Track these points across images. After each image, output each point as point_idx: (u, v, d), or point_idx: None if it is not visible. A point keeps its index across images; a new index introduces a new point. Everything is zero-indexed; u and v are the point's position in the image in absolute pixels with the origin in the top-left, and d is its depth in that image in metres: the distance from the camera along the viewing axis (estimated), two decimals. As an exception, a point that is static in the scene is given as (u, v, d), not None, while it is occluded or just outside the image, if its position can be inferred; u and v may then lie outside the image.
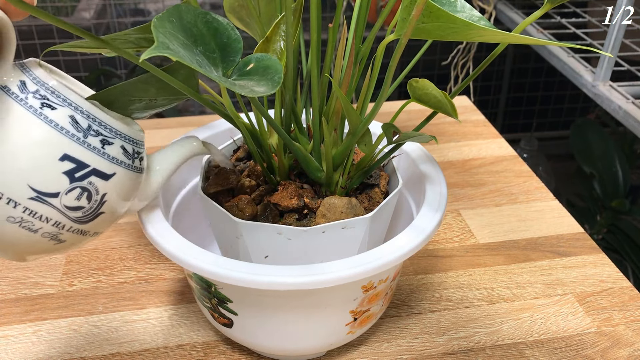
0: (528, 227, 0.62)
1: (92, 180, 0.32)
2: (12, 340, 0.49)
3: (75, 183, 0.31)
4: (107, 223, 0.35)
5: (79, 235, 0.33)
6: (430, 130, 0.80)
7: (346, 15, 1.37)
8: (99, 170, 0.32)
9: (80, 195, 0.32)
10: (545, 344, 0.48)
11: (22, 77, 0.31)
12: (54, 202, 0.31)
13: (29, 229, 0.31)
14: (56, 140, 0.30)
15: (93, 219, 0.33)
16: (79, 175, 0.31)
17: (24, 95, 0.30)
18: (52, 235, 0.32)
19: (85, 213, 0.32)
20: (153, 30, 0.27)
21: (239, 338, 0.44)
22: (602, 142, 1.39)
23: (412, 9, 0.33)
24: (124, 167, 0.34)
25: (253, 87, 0.29)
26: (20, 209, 0.30)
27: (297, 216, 0.41)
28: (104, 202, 0.33)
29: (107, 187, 0.33)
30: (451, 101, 0.36)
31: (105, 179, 0.33)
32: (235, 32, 0.34)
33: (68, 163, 0.31)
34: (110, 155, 0.33)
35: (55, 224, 0.32)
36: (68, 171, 0.31)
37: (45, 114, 0.30)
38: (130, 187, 0.35)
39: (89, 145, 0.32)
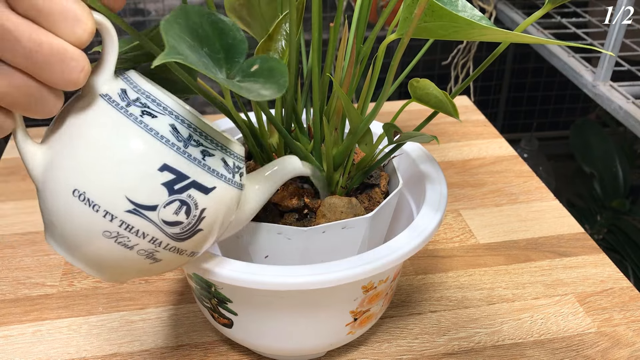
0: (528, 227, 0.62)
1: (192, 194, 0.30)
2: (12, 340, 0.49)
3: (174, 195, 0.30)
4: (204, 243, 0.33)
5: (176, 254, 0.32)
6: (431, 130, 0.80)
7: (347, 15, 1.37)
8: (199, 182, 0.30)
9: (179, 209, 0.30)
10: (546, 344, 0.48)
11: (122, 85, 0.30)
12: (151, 215, 0.29)
13: (124, 245, 0.30)
14: (156, 149, 0.29)
15: (191, 237, 0.31)
16: (178, 188, 0.30)
17: (124, 103, 0.29)
18: (148, 253, 0.31)
19: (183, 229, 0.31)
20: (163, 35, 0.26)
21: (239, 338, 0.44)
22: (602, 142, 1.39)
23: (414, 8, 0.33)
24: (225, 180, 0.32)
25: (259, 90, 0.29)
26: (117, 223, 0.29)
27: (297, 216, 0.41)
28: (203, 217, 0.31)
29: (207, 202, 0.31)
30: (452, 101, 0.36)
31: (205, 192, 0.31)
32: (240, 33, 0.33)
33: (168, 174, 0.29)
34: (210, 168, 0.31)
35: (151, 240, 0.30)
36: (167, 182, 0.29)
37: (145, 122, 0.29)
38: (230, 204, 0.33)
39: (189, 156, 0.30)
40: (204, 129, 0.32)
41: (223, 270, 0.36)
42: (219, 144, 0.32)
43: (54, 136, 0.30)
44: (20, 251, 0.58)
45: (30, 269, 0.56)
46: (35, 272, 0.56)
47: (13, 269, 0.56)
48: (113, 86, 0.30)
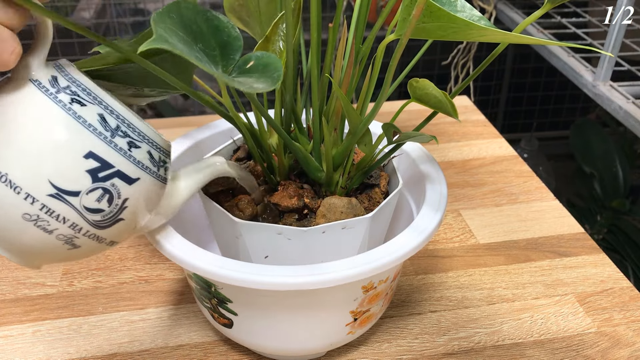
0: (528, 227, 0.62)
1: (115, 183, 0.31)
2: (12, 340, 0.49)
3: (97, 183, 0.30)
4: (124, 233, 0.33)
5: (95, 242, 0.32)
6: (431, 130, 0.80)
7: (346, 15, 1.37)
8: (124, 172, 0.31)
9: (101, 197, 0.30)
10: (546, 344, 0.48)
11: (54, 73, 0.30)
12: (73, 201, 0.30)
13: (44, 228, 0.30)
14: (83, 137, 0.30)
15: (111, 225, 0.32)
16: (102, 176, 0.30)
17: (54, 89, 0.30)
18: (67, 239, 0.31)
19: (104, 217, 0.31)
20: (152, 25, 0.26)
21: (238, 338, 0.44)
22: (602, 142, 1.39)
23: (413, 9, 0.33)
24: (149, 173, 0.33)
25: (252, 83, 0.29)
26: (38, 206, 0.29)
27: (297, 216, 0.41)
28: (125, 207, 0.32)
29: (130, 192, 0.32)
30: (451, 101, 0.36)
31: (129, 182, 0.31)
32: (235, 30, 0.34)
33: (92, 161, 0.30)
34: (136, 159, 0.32)
35: (72, 226, 0.30)
36: (92, 170, 0.30)
37: (74, 110, 0.30)
38: (152, 197, 0.34)
39: (115, 146, 0.31)
40: (132, 121, 0.32)
41: (223, 270, 0.36)
42: (145, 137, 0.33)
43: None
44: (21, 251, 0.58)
45: (30, 269, 0.56)
46: (35, 272, 0.56)
47: (13, 269, 0.56)
48: (44, 72, 0.30)
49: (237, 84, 0.28)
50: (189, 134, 0.51)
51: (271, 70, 0.30)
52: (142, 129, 0.33)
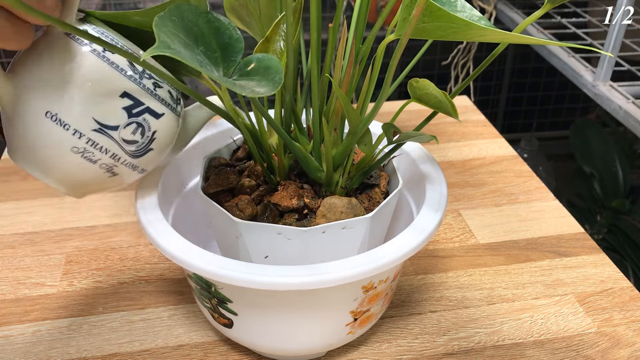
0: (528, 227, 0.62)
1: (146, 118, 0.36)
2: (12, 340, 0.49)
3: (132, 118, 0.35)
4: (153, 161, 0.39)
5: (131, 170, 0.37)
6: (431, 130, 0.80)
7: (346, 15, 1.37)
8: (152, 109, 0.36)
9: (135, 129, 0.36)
10: (546, 344, 0.48)
11: (84, 27, 0.35)
12: (113, 134, 0.35)
13: (89, 159, 0.35)
14: (117, 79, 0.34)
15: (144, 154, 0.37)
16: (135, 112, 0.35)
17: (88, 40, 0.33)
18: (109, 167, 0.36)
19: (138, 147, 0.37)
20: (155, 29, 0.27)
21: (239, 338, 0.44)
22: (602, 142, 1.39)
23: (413, 9, 0.33)
24: (170, 109, 0.38)
25: (254, 87, 0.29)
26: (84, 140, 0.34)
27: (297, 216, 0.41)
28: (154, 139, 0.37)
29: (157, 125, 0.37)
30: (451, 101, 0.36)
31: (157, 117, 0.37)
32: (236, 32, 0.34)
33: (127, 100, 0.35)
34: (160, 97, 0.37)
35: (112, 156, 0.36)
36: (127, 107, 0.35)
37: (107, 57, 0.34)
38: (173, 129, 0.39)
39: (144, 86, 0.36)
40: (154, 64, 0.36)
41: (223, 270, 0.36)
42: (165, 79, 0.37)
43: (22, 67, 0.34)
44: (20, 251, 0.58)
45: (30, 269, 0.56)
46: (35, 272, 0.56)
47: (13, 269, 0.56)
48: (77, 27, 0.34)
49: (239, 88, 0.29)
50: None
51: (272, 73, 0.31)
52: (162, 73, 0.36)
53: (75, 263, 0.57)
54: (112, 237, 0.60)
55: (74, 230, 0.61)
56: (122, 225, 0.62)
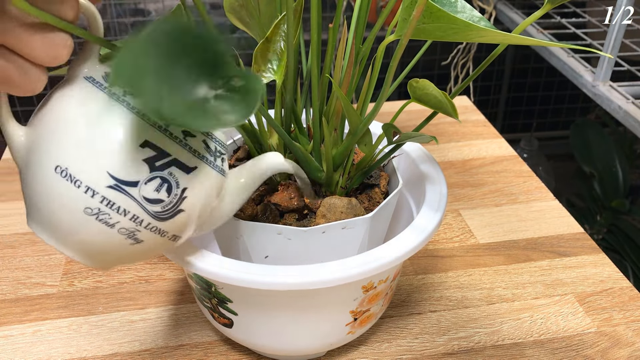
0: (528, 227, 0.62)
1: (173, 172, 0.31)
2: (12, 340, 0.49)
3: (155, 172, 0.30)
4: (186, 226, 0.33)
5: (157, 236, 0.32)
6: (430, 131, 0.80)
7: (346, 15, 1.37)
8: (180, 161, 0.31)
9: (160, 186, 0.30)
10: (546, 344, 0.48)
11: (106, 69, 0.31)
12: (132, 192, 0.30)
13: (105, 222, 0.30)
14: (138, 126, 0.30)
15: (172, 217, 0.31)
16: (159, 164, 0.30)
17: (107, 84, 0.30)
18: (130, 233, 0.31)
19: (164, 208, 0.31)
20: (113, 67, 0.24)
21: (239, 338, 0.44)
22: (602, 142, 1.39)
23: (413, 10, 0.33)
24: (206, 162, 0.32)
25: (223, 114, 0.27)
26: (98, 199, 0.29)
27: (297, 216, 0.41)
28: (184, 197, 0.31)
29: (188, 182, 0.31)
30: (451, 101, 0.36)
31: (187, 171, 0.31)
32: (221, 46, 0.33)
33: (149, 150, 0.30)
34: (192, 147, 0.32)
35: (132, 218, 0.30)
36: (149, 159, 0.30)
37: (128, 101, 0.30)
38: (211, 187, 0.33)
39: (170, 134, 0.31)
40: None
41: (223, 270, 0.36)
42: None
43: (38, 118, 0.31)
44: (21, 251, 0.58)
45: (30, 269, 0.56)
46: (35, 272, 0.56)
47: (13, 269, 0.56)
48: (97, 69, 0.31)
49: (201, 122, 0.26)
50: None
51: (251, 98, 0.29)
52: None
53: (76, 263, 0.57)
54: (112, 237, 0.60)
55: (74, 230, 0.61)
56: (122, 225, 0.62)
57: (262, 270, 0.36)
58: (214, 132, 0.34)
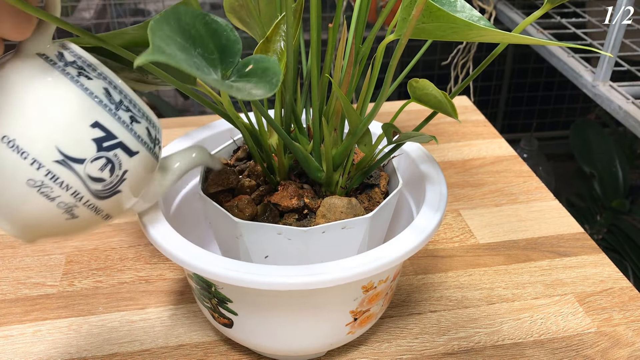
0: (528, 227, 0.62)
1: (118, 153, 0.32)
2: (12, 340, 0.49)
3: (102, 152, 0.31)
4: (119, 207, 0.35)
5: (92, 213, 0.33)
6: (430, 130, 0.80)
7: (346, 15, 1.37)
8: (125, 144, 0.32)
9: (104, 166, 0.32)
10: (546, 344, 0.48)
11: (60, 50, 0.32)
12: (78, 168, 0.31)
13: (46, 195, 0.31)
14: (89, 107, 0.31)
15: (110, 196, 0.33)
16: (106, 145, 0.31)
17: (61, 63, 0.31)
18: (68, 208, 0.32)
19: (105, 187, 0.32)
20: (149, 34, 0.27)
21: (239, 338, 0.44)
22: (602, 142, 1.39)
23: (412, 9, 0.33)
24: (147, 148, 0.34)
25: (251, 89, 0.29)
26: (43, 172, 0.30)
27: (297, 216, 0.41)
28: (124, 179, 0.33)
29: (130, 165, 0.33)
30: (451, 101, 0.36)
31: (130, 154, 0.33)
32: (234, 33, 0.34)
33: (98, 131, 0.31)
34: (136, 133, 0.33)
35: (73, 194, 0.31)
36: (97, 139, 0.31)
37: (81, 82, 0.31)
38: (147, 173, 0.35)
39: (119, 118, 0.32)
40: (133, 97, 0.33)
41: (223, 270, 0.36)
42: (145, 114, 0.34)
43: None
44: (21, 251, 0.58)
45: (30, 269, 0.56)
46: (35, 272, 0.56)
47: (13, 269, 0.56)
48: (51, 48, 0.31)
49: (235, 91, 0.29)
50: (189, 134, 0.51)
51: (270, 75, 0.30)
52: (142, 106, 0.34)
53: (76, 263, 0.57)
54: (112, 237, 0.60)
55: (74, 230, 0.61)
56: (122, 225, 0.62)
57: (262, 270, 0.36)
58: (154, 120, 0.35)
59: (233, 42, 0.33)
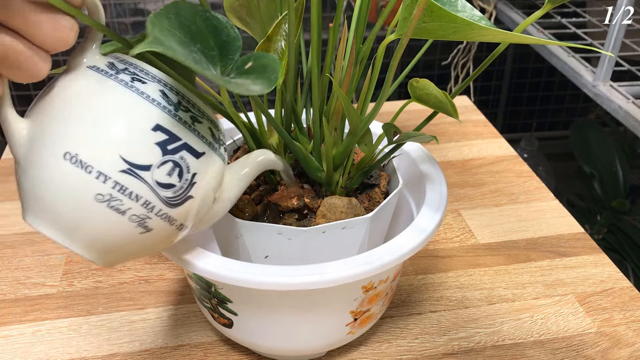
0: (528, 227, 0.62)
1: (184, 156, 0.31)
2: (12, 340, 0.49)
3: (167, 156, 0.30)
4: (193, 215, 0.33)
5: (167, 224, 0.31)
6: (431, 130, 0.80)
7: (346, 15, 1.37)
8: (190, 145, 0.31)
9: (172, 170, 0.30)
10: (546, 344, 0.48)
11: (109, 59, 0.31)
12: (145, 176, 0.29)
13: (117, 209, 0.29)
14: (148, 110, 0.30)
15: (182, 203, 0.31)
16: (171, 148, 0.30)
17: (113, 71, 0.30)
18: (140, 220, 0.30)
19: (175, 193, 0.31)
20: (149, 26, 0.26)
21: (239, 338, 0.44)
22: (602, 142, 1.39)
23: (413, 9, 0.33)
24: (212, 149, 0.33)
25: (249, 85, 0.29)
26: (110, 184, 0.29)
27: (297, 216, 0.41)
28: (194, 183, 0.32)
29: (198, 166, 0.32)
30: (451, 101, 0.36)
31: (196, 156, 0.31)
32: (234, 30, 0.34)
33: (160, 134, 0.30)
34: (200, 133, 0.32)
35: (145, 204, 0.30)
36: (160, 142, 0.30)
37: (136, 87, 0.30)
38: (216, 174, 0.33)
39: (180, 119, 0.31)
40: (191, 97, 0.33)
41: (223, 270, 0.36)
42: (205, 114, 0.33)
43: (39, 109, 0.30)
44: (20, 251, 0.58)
45: (30, 269, 0.56)
46: (35, 272, 0.56)
47: (13, 269, 0.56)
48: (100, 59, 0.31)
49: (234, 86, 0.28)
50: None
51: (269, 71, 0.30)
52: (201, 106, 0.33)
53: (76, 263, 0.57)
54: (112, 237, 0.60)
55: (74, 230, 0.61)
56: (122, 225, 0.62)
57: (262, 270, 0.36)
58: (215, 120, 0.34)
59: (233, 39, 0.33)
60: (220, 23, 0.33)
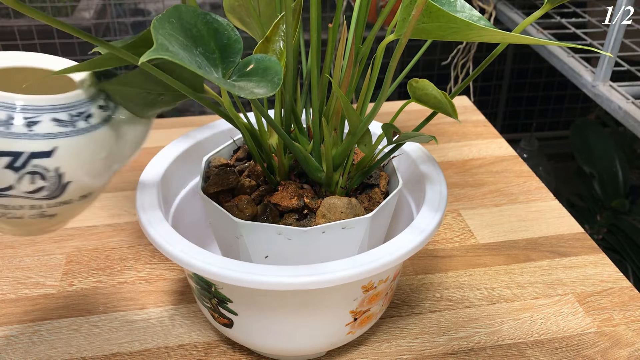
0: (528, 227, 0.62)
1: (35, 163, 0.32)
2: (12, 340, 0.49)
3: (20, 172, 0.32)
4: (85, 188, 0.34)
5: (65, 206, 0.34)
6: (430, 131, 0.80)
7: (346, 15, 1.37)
8: (36, 152, 0.32)
9: (32, 178, 0.32)
10: (546, 344, 0.48)
11: None
12: (14, 193, 0.32)
13: (14, 217, 0.33)
14: None
15: (64, 190, 0.33)
16: (19, 165, 0.32)
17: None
18: (40, 214, 0.33)
19: (50, 189, 0.33)
20: (152, 32, 0.27)
21: (239, 338, 0.44)
22: (602, 142, 1.39)
23: (412, 9, 0.33)
24: (63, 137, 0.33)
25: (253, 88, 0.29)
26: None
27: (297, 216, 0.41)
28: (62, 173, 0.33)
29: (55, 162, 0.33)
30: (451, 101, 0.36)
31: (48, 156, 0.32)
32: (235, 32, 0.34)
33: (4, 158, 0.31)
34: (40, 134, 0.32)
35: (32, 207, 0.33)
36: (8, 164, 0.31)
37: None
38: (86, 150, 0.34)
39: (13, 134, 0.32)
40: (22, 102, 0.32)
41: (223, 270, 0.36)
42: (41, 108, 0.33)
43: None
44: (21, 251, 0.58)
45: (30, 269, 0.56)
46: (35, 272, 0.56)
47: (13, 269, 0.56)
48: None
49: (238, 89, 0.29)
50: (189, 134, 0.51)
51: (271, 74, 0.30)
52: (36, 103, 0.33)
53: (76, 263, 0.57)
54: (112, 237, 0.60)
55: (74, 230, 0.61)
56: (122, 225, 0.62)
57: (262, 270, 0.36)
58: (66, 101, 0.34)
59: (234, 41, 0.33)
60: (221, 26, 0.33)
